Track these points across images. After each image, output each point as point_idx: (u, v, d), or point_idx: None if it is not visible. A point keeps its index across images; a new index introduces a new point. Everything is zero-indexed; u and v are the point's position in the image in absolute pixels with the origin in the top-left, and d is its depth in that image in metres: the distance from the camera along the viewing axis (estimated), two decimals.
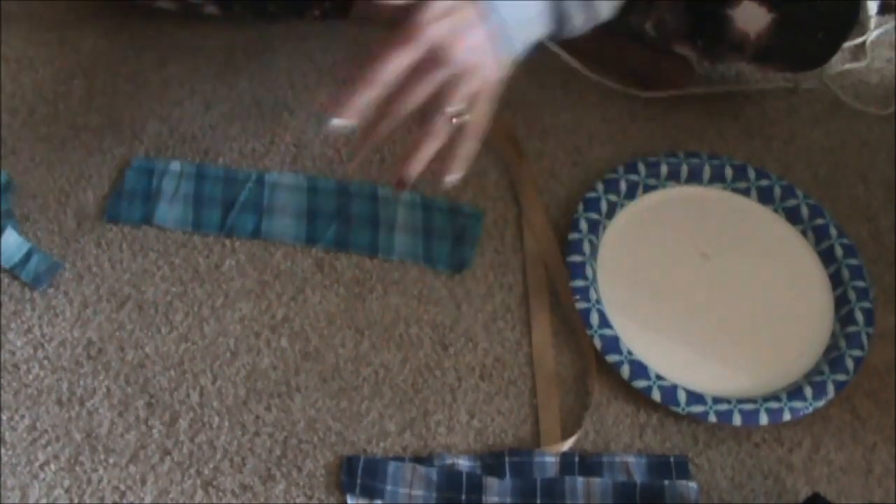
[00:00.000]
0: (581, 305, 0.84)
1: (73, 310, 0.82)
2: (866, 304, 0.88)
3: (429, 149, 0.67)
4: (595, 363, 0.83)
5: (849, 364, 0.84)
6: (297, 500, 0.75)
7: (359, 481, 0.76)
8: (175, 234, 0.87)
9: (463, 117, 0.67)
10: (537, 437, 0.80)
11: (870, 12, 1.12)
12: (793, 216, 0.94)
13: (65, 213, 0.87)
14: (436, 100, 0.66)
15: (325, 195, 0.90)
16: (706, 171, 0.94)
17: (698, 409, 0.80)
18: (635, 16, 0.94)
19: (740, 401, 0.82)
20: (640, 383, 0.81)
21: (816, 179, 0.99)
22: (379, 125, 0.67)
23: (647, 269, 0.89)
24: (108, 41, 0.97)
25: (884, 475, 0.82)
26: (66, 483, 0.74)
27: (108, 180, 0.89)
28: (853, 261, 0.90)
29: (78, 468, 0.75)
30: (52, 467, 0.75)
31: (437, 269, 0.88)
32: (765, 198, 0.94)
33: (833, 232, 0.92)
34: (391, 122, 0.67)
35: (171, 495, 0.74)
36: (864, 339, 0.86)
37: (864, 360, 0.85)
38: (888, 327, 0.89)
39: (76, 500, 0.74)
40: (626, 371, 0.81)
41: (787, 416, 0.81)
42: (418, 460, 0.77)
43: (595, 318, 0.84)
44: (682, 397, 0.81)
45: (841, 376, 0.84)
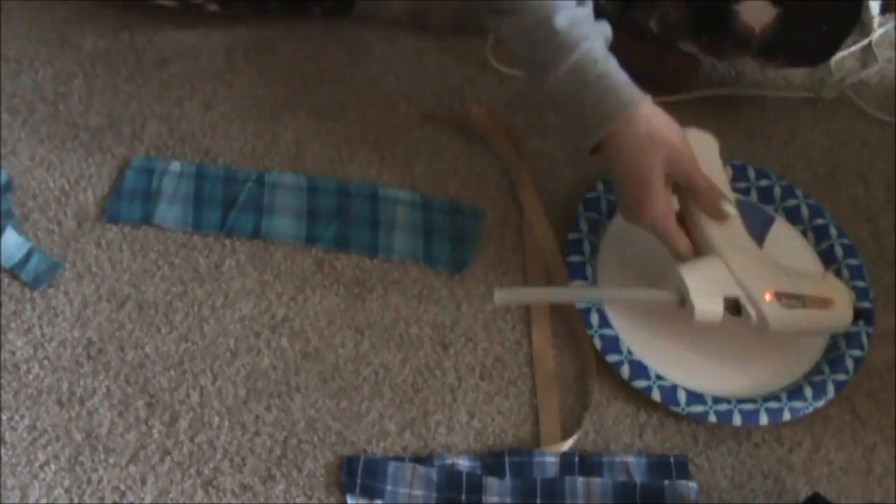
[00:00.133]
0: (581, 306, 0.85)
1: (73, 310, 0.82)
2: (866, 304, 0.88)
3: None
4: (595, 363, 0.83)
5: (849, 364, 0.84)
6: (297, 500, 0.75)
7: (359, 481, 0.76)
8: (175, 234, 0.87)
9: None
10: (537, 437, 0.80)
11: (872, 12, 1.12)
12: (793, 216, 0.94)
13: (65, 213, 0.87)
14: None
15: (325, 195, 0.90)
16: None
17: (698, 409, 0.80)
18: (639, 13, 0.94)
19: (740, 401, 0.82)
20: (640, 383, 0.81)
21: (816, 179, 0.99)
22: None
23: (647, 268, 0.88)
24: (108, 41, 0.97)
25: (884, 475, 0.81)
26: (66, 483, 0.74)
27: (108, 180, 0.89)
28: (853, 261, 0.90)
29: (78, 468, 0.75)
30: (52, 467, 0.75)
31: (437, 269, 0.88)
32: (765, 198, 0.94)
33: (833, 232, 0.92)
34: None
35: (171, 495, 0.74)
36: (863, 339, 0.86)
37: (863, 360, 0.85)
38: (888, 327, 0.89)
39: (76, 500, 0.74)
40: (626, 371, 0.81)
41: (786, 416, 0.81)
42: (418, 460, 0.77)
43: (595, 318, 0.84)
44: (682, 397, 0.81)
45: (841, 376, 0.84)
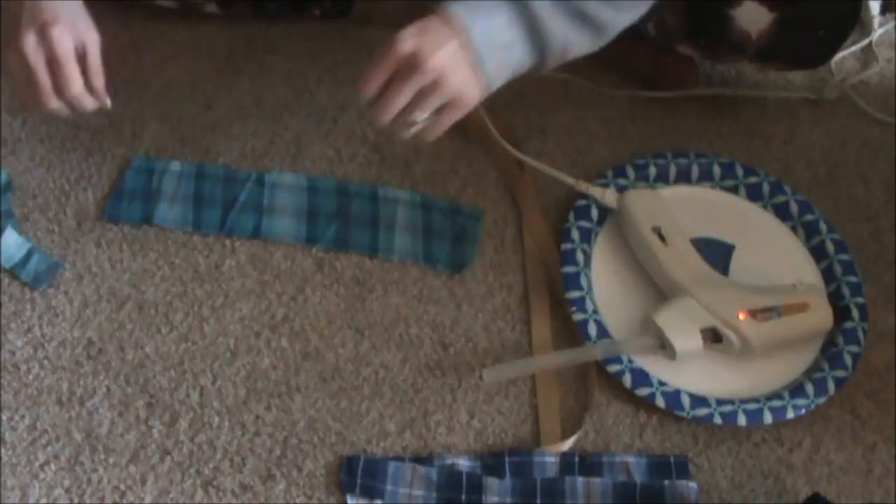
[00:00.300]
0: (578, 317, 0.84)
1: (73, 310, 0.82)
2: (860, 300, 0.88)
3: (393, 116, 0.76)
4: (595, 363, 0.83)
5: (847, 360, 0.84)
6: (297, 500, 0.75)
7: (359, 481, 0.76)
8: (175, 234, 0.87)
9: (423, 122, 0.76)
10: (537, 437, 0.80)
11: (872, 12, 1.12)
12: (782, 212, 0.93)
13: (65, 213, 0.87)
14: (410, 103, 0.75)
15: (325, 195, 0.90)
16: (694, 171, 0.94)
17: (703, 411, 0.80)
18: None
19: (743, 401, 0.82)
20: (643, 391, 0.81)
21: (816, 179, 0.99)
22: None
23: (642, 273, 0.88)
24: (109, 41, 0.97)
25: (884, 475, 0.81)
26: (67, 483, 0.74)
27: (108, 180, 0.89)
28: (844, 256, 0.90)
29: (78, 468, 0.75)
30: (53, 467, 0.75)
31: (436, 268, 0.87)
32: (753, 195, 0.94)
33: (823, 227, 0.92)
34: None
35: (171, 495, 0.74)
36: (860, 334, 0.86)
37: (861, 357, 0.85)
38: (888, 327, 0.89)
39: (76, 500, 0.74)
40: (627, 380, 0.81)
41: (790, 414, 0.81)
42: (418, 460, 0.77)
43: (593, 329, 0.83)
44: (685, 401, 0.81)
45: (840, 373, 0.84)
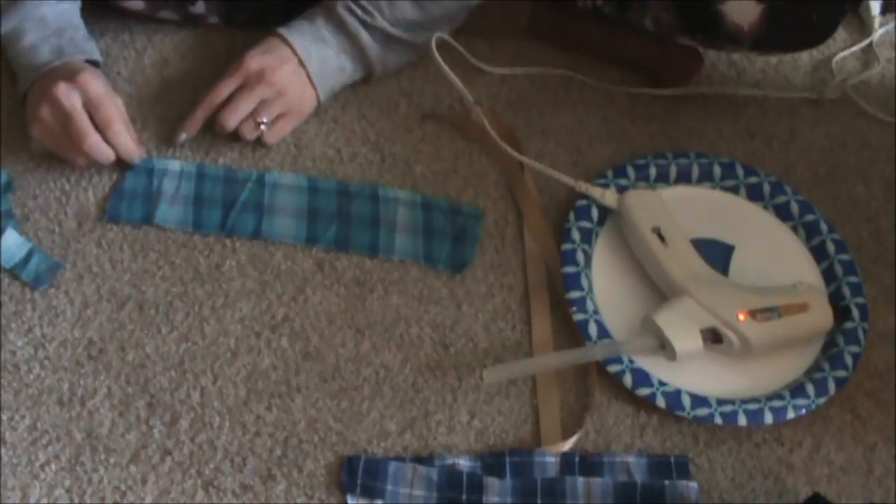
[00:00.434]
0: (578, 317, 0.84)
1: (74, 310, 0.82)
2: (860, 300, 0.88)
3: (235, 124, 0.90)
4: (595, 363, 0.83)
5: (847, 360, 0.84)
6: (298, 500, 0.75)
7: (359, 481, 0.76)
8: (175, 234, 0.87)
9: (265, 126, 0.90)
10: (537, 437, 0.80)
11: (873, 12, 1.12)
12: (782, 213, 0.93)
13: (65, 213, 0.87)
14: (255, 110, 0.89)
15: (325, 195, 0.90)
16: (695, 171, 0.94)
17: (703, 412, 0.80)
18: (633, 14, 0.94)
19: (744, 401, 0.82)
20: (644, 391, 0.81)
21: (816, 179, 0.99)
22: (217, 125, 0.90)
23: (643, 273, 0.88)
24: (109, 41, 0.97)
25: (884, 475, 0.82)
26: (67, 483, 0.74)
27: (109, 180, 0.89)
28: (845, 256, 0.90)
29: (78, 468, 0.75)
30: (53, 467, 0.75)
31: (437, 268, 0.88)
32: (754, 195, 0.94)
33: (824, 228, 0.92)
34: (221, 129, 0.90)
35: (171, 495, 0.74)
36: (860, 334, 0.86)
37: (861, 357, 0.85)
38: (888, 327, 0.89)
39: (77, 500, 0.74)
40: (628, 380, 0.81)
41: (790, 414, 0.81)
42: (419, 460, 0.77)
43: (593, 329, 0.83)
44: (686, 402, 0.81)
45: (841, 373, 0.84)
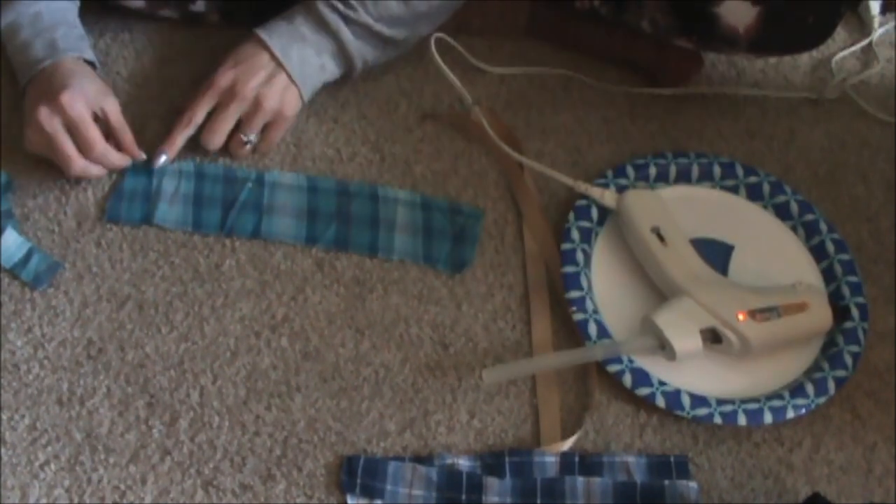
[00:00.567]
0: (578, 317, 0.84)
1: (74, 309, 0.82)
2: (860, 300, 0.88)
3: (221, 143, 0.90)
4: (595, 363, 0.83)
5: (847, 360, 0.84)
6: (298, 500, 0.75)
7: (359, 481, 0.76)
8: (175, 234, 0.87)
9: (251, 142, 0.89)
10: (537, 437, 0.80)
11: (872, 12, 1.12)
12: (782, 212, 0.93)
13: (65, 213, 0.87)
14: (238, 127, 0.88)
15: (324, 195, 0.90)
16: (695, 171, 0.94)
17: (703, 411, 0.80)
18: (630, 15, 0.94)
19: (743, 401, 0.82)
20: (643, 391, 0.81)
21: (816, 179, 0.99)
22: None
23: (642, 273, 0.88)
24: (109, 41, 0.97)
25: (884, 475, 0.82)
26: (67, 483, 0.74)
27: (108, 180, 0.89)
28: (845, 256, 0.90)
29: (78, 468, 0.75)
30: (53, 467, 0.75)
31: (437, 268, 0.88)
32: (754, 195, 0.94)
33: (823, 227, 0.92)
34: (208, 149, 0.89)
35: (171, 495, 0.74)
36: (860, 334, 0.86)
37: (861, 356, 0.85)
38: (888, 327, 0.89)
39: (76, 500, 0.74)
40: (627, 380, 0.81)
41: (790, 414, 0.81)
42: (418, 460, 0.77)
43: (593, 329, 0.83)
44: (686, 401, 0.81)
45: (841, 372, 0.84)
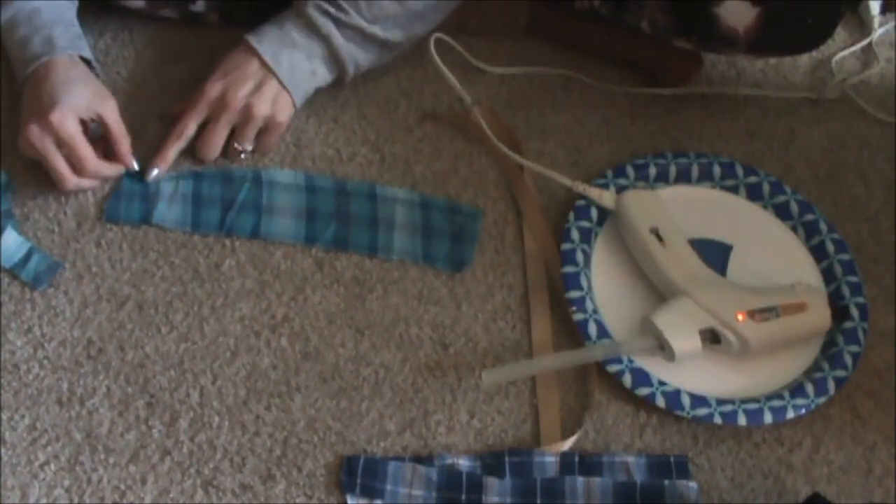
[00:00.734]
0: (578, 317, 0.84)
1: (73, 309, 0.82)
2: (860, 300, 0.88)
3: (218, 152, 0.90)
4: (595, 363, 0.83)
5: (847, 360, 0.84)
6: (297, 500, 0.75)
7: (359, 481, 0.76)
8: (175, 234, 0.87)
9: (246, 151, 0.89)
10: (537, 437, 0.80)
11: (872, 12, 1.12)
12: (782, 212, 0.93)
13: (65, 213, 0.87)
14: (231, 138, 0.88)
15: (323, 194, 0.90)
16: (694, 171, 0.94)
17: (703, 411, 0.80)
18: (629, 15, 0.94)
19: (743, 401, 0.82)
20: (643, 391, 0.81)
21: (816, 179, 0.99)
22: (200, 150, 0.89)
23: (642, 273, 0.88)
24: (109, 41, 0.97)
25: (884, 475, 0.82)
26: (66, 483, 0.74)
27: (108, 180, 0.89)
28: (845, 256, 0.90)
29: (78, 468, 0.75)
30: (52, 467, 0.75)
31: (436, 267, 0.87)
32: (754, 195, 0.94)
33: (823, 227, 0.92)
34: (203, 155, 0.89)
35: (171, 495, 0.74)
36: (860, 334, 0.86)
37: (861, 356, 0.85)
38: (888, 327, 0.89)
39: (76, 500, 0.74)
40: (627, 380, 0.81)
41: (790, 414, 0.81)
42: (418, 460, 0.77)
43: (593, 329, 0.83)
44: (685, 401, 0.81)
45: (840, 372, 0.84)
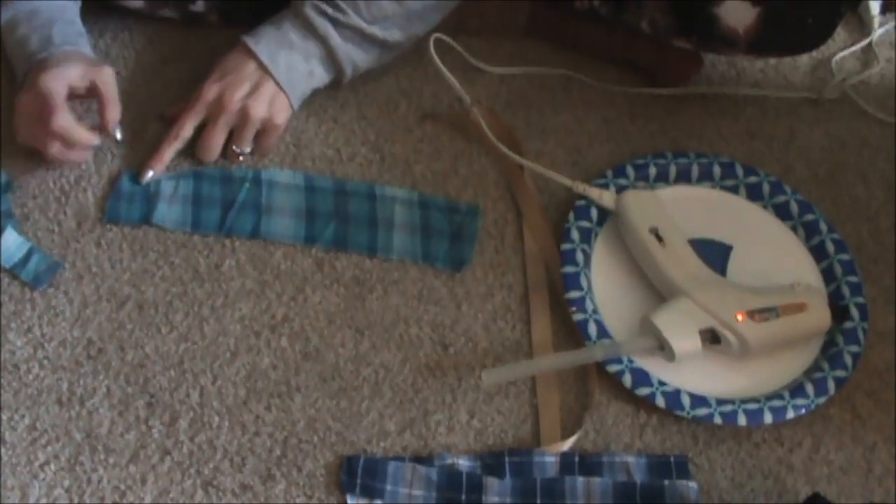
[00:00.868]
0: (578, 317, 0.84)
1: (73, 310, 0.82)
2: (860, 300, 0.88)
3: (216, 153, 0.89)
4: (595, 363, 0.83)
5: (847, 360, 0.84)
6: (297, 500, 0.75)
7: (359, 481, 0.76)
8: (175, 234, 0.87)
9: (245, 153, 0.89)
10: (537, 437, 0.80)
11: (872, 12, 1.12)
12: (782, 212, 0.93)
13: (65, 213, 0.87)
14: (229, 140, 0.88)
15: (322, 194, 0.90)
16: (694, 171, 0.94)
17: (703, 411, 0.80)
18: (629, 15, 0.94)
19: (743, 401, 0.82)
20: (643, 391, 0.81)
21: (816, 179, 0.99)
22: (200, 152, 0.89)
23: (642, 273, 0.88)
24: (109, 41, 0.97)
25: (884, 475, 0.82)
26: (66, 483, 0.74)
27: (108, 180, 0.89)
28: (845, 256, 0.90)
29: (78, 468, 0.75)
30: (52, 467, 0.75)
31: (436, 267, 0.87)
32: (754, 195, 0.94)
33: (823, 227, 0.92)
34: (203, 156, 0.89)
35: (171, 495, 0.74)
36: (860, 334, 0.86)
37: (861, 356, 0.85)
38: (888, 327, 0.89)
39: (76, 500, 0.74)
40: (627, 380, 0.81)
41: (790, 414, 0.81)
42: (418, 460, 0.77)
43: (593, 329, 0.83)
44: (685, 401, 0.81)
45: (840, 372, 0.84)
